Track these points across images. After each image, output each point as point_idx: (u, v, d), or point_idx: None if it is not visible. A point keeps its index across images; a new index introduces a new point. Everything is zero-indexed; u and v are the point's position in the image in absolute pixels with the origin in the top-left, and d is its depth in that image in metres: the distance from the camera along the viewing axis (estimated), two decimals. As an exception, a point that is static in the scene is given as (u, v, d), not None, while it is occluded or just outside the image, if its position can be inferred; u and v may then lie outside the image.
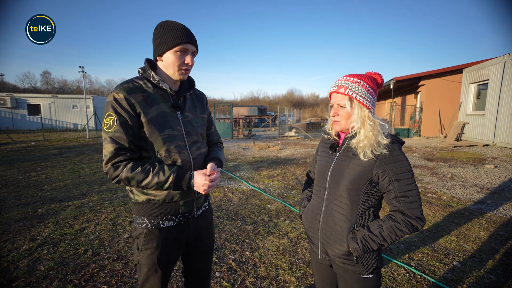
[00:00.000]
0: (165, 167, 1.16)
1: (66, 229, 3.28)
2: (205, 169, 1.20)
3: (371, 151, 1.08)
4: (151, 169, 1.13)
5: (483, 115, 10.37)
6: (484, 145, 9.70)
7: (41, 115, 17.54)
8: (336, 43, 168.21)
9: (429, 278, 2.31)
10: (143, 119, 1.16)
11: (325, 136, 1.31)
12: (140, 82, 1.21)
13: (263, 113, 36.84)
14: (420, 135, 13.89)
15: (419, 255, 2.69)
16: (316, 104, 67.30)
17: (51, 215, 3.73)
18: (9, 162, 7.75)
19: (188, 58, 1.20)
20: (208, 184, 1.16)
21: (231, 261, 2.60)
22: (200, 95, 1.46)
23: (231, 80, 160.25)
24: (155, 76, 1.20)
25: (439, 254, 2.72)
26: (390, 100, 16.89)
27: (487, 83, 10.34)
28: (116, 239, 3.04)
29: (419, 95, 14.64)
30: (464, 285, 2.23)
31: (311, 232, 1.28)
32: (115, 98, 1.13)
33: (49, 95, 24.03)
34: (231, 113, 15.22)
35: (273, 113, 34.49)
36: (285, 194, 4.68)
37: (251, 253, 2.75)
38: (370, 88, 1.14)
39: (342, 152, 1.19)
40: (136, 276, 2.34)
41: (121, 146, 1.13)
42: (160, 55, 1.21)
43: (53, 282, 2.27)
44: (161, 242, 1.23)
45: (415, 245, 2.90)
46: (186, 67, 1.22)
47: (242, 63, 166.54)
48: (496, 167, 6.43)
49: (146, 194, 1.21)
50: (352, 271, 1.16)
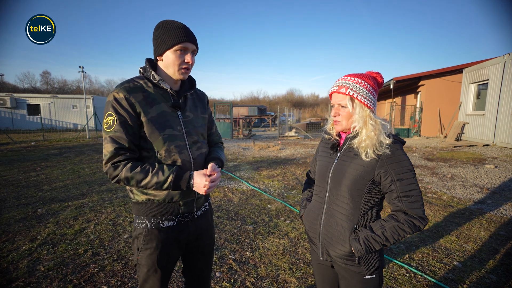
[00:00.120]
0: (165, 167, 1.15)
1: (66, 229, 3.28)
2: (205, 169, 1.19)
3: (373, 151, 1.08)
4: (150, 169, 1.13)
5: (483, 115, 10.37)
6: (484, 145, 9.70)
7: (41, 115, 17.50)
8: (336, 43, 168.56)
9: (429, 278, 2.31)
10: (143, 118, 1.16)
11: (326, 136, 1.30)
12: (141, 81, 1.21)
13: (263, 113, 36.84)
14: (420, 135, 13.90)
15: (420, 255, 2.69)
16: (316, 104, 67.33)
17: (51, 215, 3.73)
18: (9, 162, 7.74)
19: (188, 56, 1.20)
20: (208, 185, 1.15)
21: (232, 261, 2.59)
22: (201, 95, 1.45)
23: (231, 80, 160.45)
24: (155, 76, 1.20)
25: (439, 254, 2.71)
26: (390, 100, 16.89)
27: (487, 83, 10.34)
28: (116, 239, 3.04)
29: (419, 95, 14.64)
30: (465, 285, 2.23)
31: (313, 233, 1.27)
32: (115, 98, 1.13)
33: (49, 95, 24.01)
34: (231, 113, 15.23)
35: (273, 113, 34.49)
36: (285, 194, 4.68)
37: (251, 253, 2.74)
38: (371, 88, 1.13)
39: (344, 152, 1.19)
40: (136, 276, 2.34)
41: (121, 146, 1.12)
42: (160, 55, 1.21)
43: (53, 282, 2.26)
44: (160, 242, 1.22)
45: (416, 245, 2.90)
46: (186, 66, 1.21)
47: (242, 63, 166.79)
48: (496, 167, 6.43)
49: (146, 194, 1.21)
50: (354, 271, 1.15)
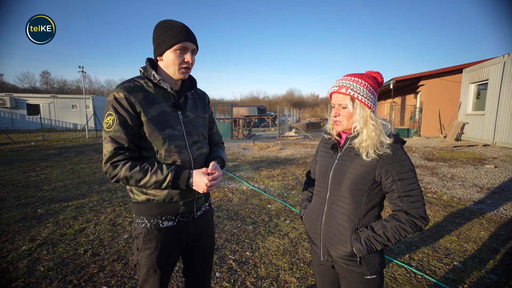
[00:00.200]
0: (164, 166, 1.15)
1: (65, 230, 3.27)
2: (205, 168, 1.19)
3: (374, 150, 1.07)
4: (149, 168, 1.13)
5: (483, 115, 10.37)
6: (483, 145, 9.71)
7: (40, 115, 17.47)
8: (336, 43, 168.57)
9: (430, 278, 2.31)
10: (143, 118, 1.16)
11: (326, 136, 1.30)
12: (141, 81, 1.21)
13: (263, 113, 36.85)
14: (419, 135, 13.90)
15: (420, 255, 2.69)
16: (316, 104, 67.34)
17: (50, 216, 3.72)
18: (8, 162, 7.73)
19: (188, 56, 1.19)
20: (207, 183, 1.14)
21: (232, 262, 2.59)
22: (202, 94, 1.45)
23: (231, 80, 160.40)
24: (155, 76, 1.20)
25: (439, 254, 2.71)
26: (390, 100, 16.89)
27: (487, 83, 10.34)
28: (116, 239, 3.03)
29: (419, 95, 14.64)
30: (465, 285, 2.22)
31: (313, 233, 1.26)
32: (116, 98, 1.13)
33: (48, 95, 23.98)
34: (231, 113, 15.22)
35: (272, 113, 34.50)
36: (285, 194, 4.68)
37: (251, 253, 2.74)
38: (371, 88, 1.13)
39: (344, 152, 1.18)
40: (136, 276, 2.34)
41: (121, 145, 1.12)
42: (160, 55, 1.21)
43: (52, 282, 2.26)
44: (160, 242, 1.22)
45: (416, 245, 2.90)
46: (186, 65, 1.21)
47: (242, 63, 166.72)
48: (496, 167, 6.43)
49: (145, 194, 1.21)
50: (355, 272, 1.15)
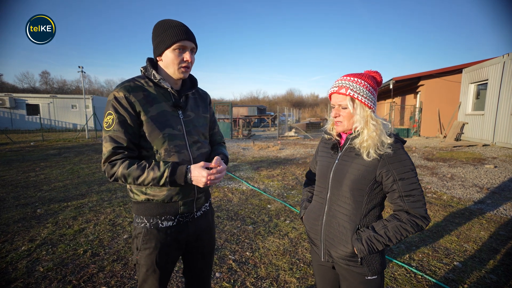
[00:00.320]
0: (161, 162, 1.15)
1: (65, 230, 3.27)
2: (203, 162, 1.17)
3: (375, 150, 1.07)
4: (146, 165, 1.13)
5: (483, 115, 10.38)
6: (483, 145, 9.71)
7: (40, 115, 17.54)
8: (336, 43, 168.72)
9: (430, 278, 2.30)
10: (143, 117, 1.16)
11: (326, 136, 1.30)
12: (142, 81, 1.21)
13: (263, 113, 36.86)
14: (419, 135, 13.91)
15: (420, 255, 2.69)
16: (316, 104, 67.39)
17: (50, 216, 3.71)
18: (8, 162, 7.72)
19: (187, 55, 1.19)
20: (206, 176, 1.11)
21: (231, 262, 2.59)
22: (204, 94, 1.45)
23: (231, 80, 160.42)
24: (156, 75, 1.20)
25: (439, 254, 2.71)
26: (389, 100, 16.90)
27: (487, 83, 10.34)
28: (115, 239, 3.03)
29: (418, 95, 14.65)
30: (465, 285, 2.22)
31: (313, 234, 1.26)
32: (116, 97, 1.14)
33: (48, 95, 23.95)
34: (231, 113, 15.21)
35: (272, 113, 34.51)
36: (285, 194, 4.68)
37: (251, 254, 2.74)
38: (371, 87, 1.12)
39: (345, 152, 1.18)
40: (135, 276, 2.33)
41: (120, 145, 1.13)
42: (160, 55, 1.21)
43: (52, 283, 2.25)
44: (159, 242, 1.22)
45: (416, 245, 2.89)
46: (185, 64, 1.20)
47: (241, 63, 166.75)
48: (495, 167, 6.44)
49: (145, 194, 1.21)
50: (356, 272, 1.14)
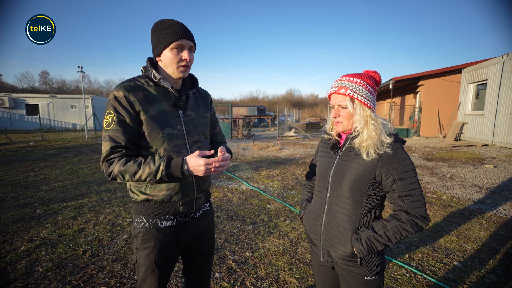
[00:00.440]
0: (156, 156, 1.15)
1: (64, 230, 3.26)
2: (198, 151, 1.14)
3: (374, 150, 1.07)
4: (142, 160, 1.13)
5: (482, 115, 10.38)
6: (483, 145, 9.72)
7: (39, 115, 17.49)
8: (336, 43, 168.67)
9: (429, 278, 2.30)
10: (142, 117, 1.16)
11: (326, 136, 1.30)
12: (142, 80, 1.21)
13: (263, 113, 36.87)
14: (419, 135, 13.91)
15: (420, 255, 2.69)
16: (315, 104, 67.37)
17: (49, 216, 3.71)
18: (7, 162, 7.71)
19: (185, 54, 1.19)
20: (203, 164, 1.09)
21: (231, 262, 2.58)
22: (205, 94, 1.45)
23: (230, 80, 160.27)
24: (156, 75, 1.20)
25: (439, 254, 2.71)
26: (389, 100, 16.91)
27: (486, 83, 10.35)
28: (115, 239, 3.02)
29: (418, 95, 14.65)
30: (465, 285, 2.22)
31: (313, 234, 1.26)
32: (115, 96, 1.14)
33: (47, 95, 23.92)
34: (230, 113, 15.20)
35: (272, 113, 34.50)
36: (285, 194, 4.67)
37: (251, 254, 2.73)
38: (370, 87, 1.12)
39: (344, 152, 1.18)
40: (135, 277, 2.33)
41: (118, 144, 1.13)
42: (159, 55, 1.21)
43: (51, 283, 2.25)
44: (159, 242, 1.22)
45: (416, 245, 2.89)
46: (184, 63, 1.20)
47: (241, 63, 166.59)
48: (495, 167, 6.44)
49: (144, 194, 1.20)
50: (355, 273, 1.14)
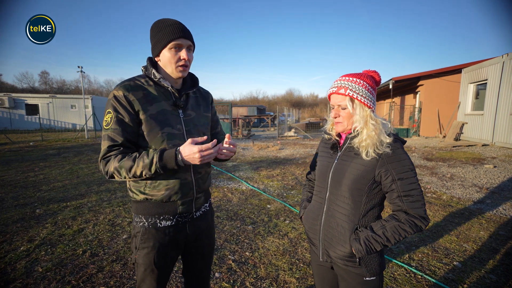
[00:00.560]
0: (150, 150, 1.15)
1: (64, 230, 3.26)
2: (190, 139, 1.12)
3: (374, 150, 1.07)
4: (137, 155, 1.13)
5: (482, 115, 10.38)
6: (483, 145, 9.72)
7: (39, 115, 17.50)
8: (336, 43, 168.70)
9: (429, 278, 2.30)
10: (142, 116, 1.16)
11: (326, 136, 1.30)
12: (142, 80, 1.22)
13: (262, 113, 36.86)
14: (419, 135, 13.92)
15: (420, 255, 2.68)
16: (315, 104, 67.40)
17: (49, 216, 3.71)
18: (7, 162, 7.71)
19: (183, 53, 1.18)
20: (197, 150, 1.07)
21: (231, 262, 2.58)
22: (205, 93, 1.45)
23: (230, 80, 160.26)
24: (156, 74, 1.20)
25: (439, 254, 2.71)
26: (389, 100, 16.92)
27: (486, 83, 10.35)
28: (115, 239, 3.02)
29: (418, 95, 14.65)
30: (465, 285, 2.22)
31: (312, 234, 1.26)
32: (115, 96, 1.14)
33: (47, 95, 23.92)
34: (230, 113, 15.22)
35: (272, 113, 34.48)
36: (285, 194, 4.67)
37: (251, 254, 2.73)
38: (370, 87, 1.12)
39: (344, 152, 1.18)
40: (135, 276, 2.33)
41: (116, 143, 1.13)
42: (158, 55, 1.21)
43: (51, 283, 2.25)
44: (158, 242, 1.22)
45: (415, 245, 2.89)
46: (182, 62, 1.20)
47: (241, 63, 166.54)
48: (495, 166, 6.44)
49: (144, 193, 1.21)
50: (354, 273, 1.14)
